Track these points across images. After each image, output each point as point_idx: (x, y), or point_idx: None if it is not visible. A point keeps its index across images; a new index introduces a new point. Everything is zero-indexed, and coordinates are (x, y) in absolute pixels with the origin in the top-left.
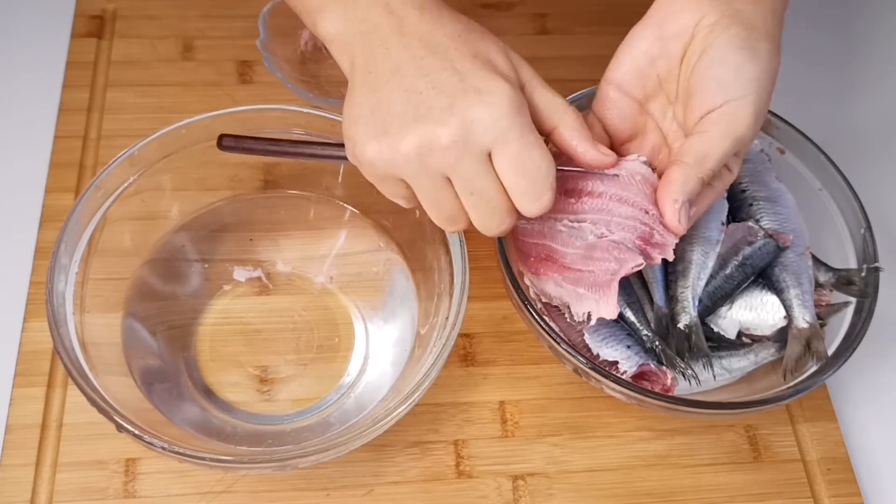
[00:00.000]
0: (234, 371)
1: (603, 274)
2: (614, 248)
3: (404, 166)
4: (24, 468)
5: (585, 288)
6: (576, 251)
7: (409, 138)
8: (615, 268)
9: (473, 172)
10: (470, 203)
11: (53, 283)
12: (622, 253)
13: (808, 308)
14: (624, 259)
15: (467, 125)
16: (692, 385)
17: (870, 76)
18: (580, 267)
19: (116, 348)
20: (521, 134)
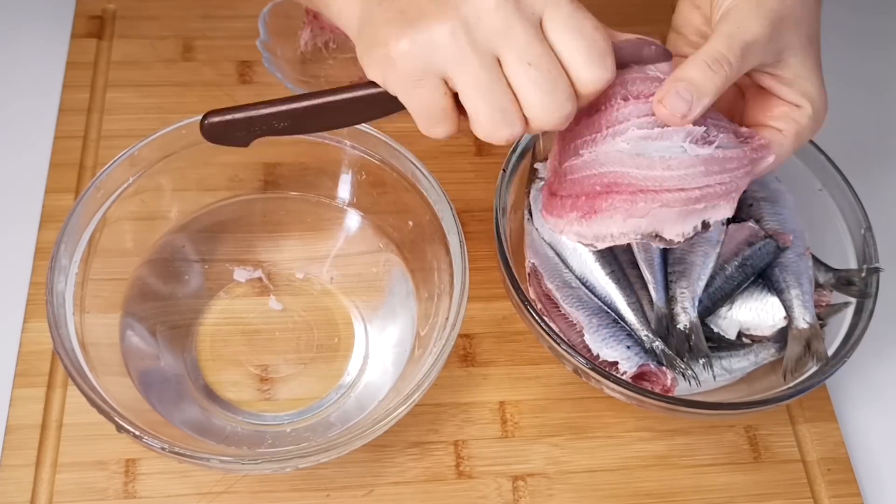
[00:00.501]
0: (234, 371)
1: (733, 180)
2: (739, 156)
3: (450, 46)
4: (24, 468)
5: (703, 204)
6: (679, 171)
7: (453, 11)
8: (747, 168)
9: (528, 36)
10: (529, 78)
11: (53, 284)
12: (748, 156)
13: (808, 308)
14: (756, 156)
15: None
16: (692, 385)
17: (870, 76)
18: (695, 185)
19: (116, 348)
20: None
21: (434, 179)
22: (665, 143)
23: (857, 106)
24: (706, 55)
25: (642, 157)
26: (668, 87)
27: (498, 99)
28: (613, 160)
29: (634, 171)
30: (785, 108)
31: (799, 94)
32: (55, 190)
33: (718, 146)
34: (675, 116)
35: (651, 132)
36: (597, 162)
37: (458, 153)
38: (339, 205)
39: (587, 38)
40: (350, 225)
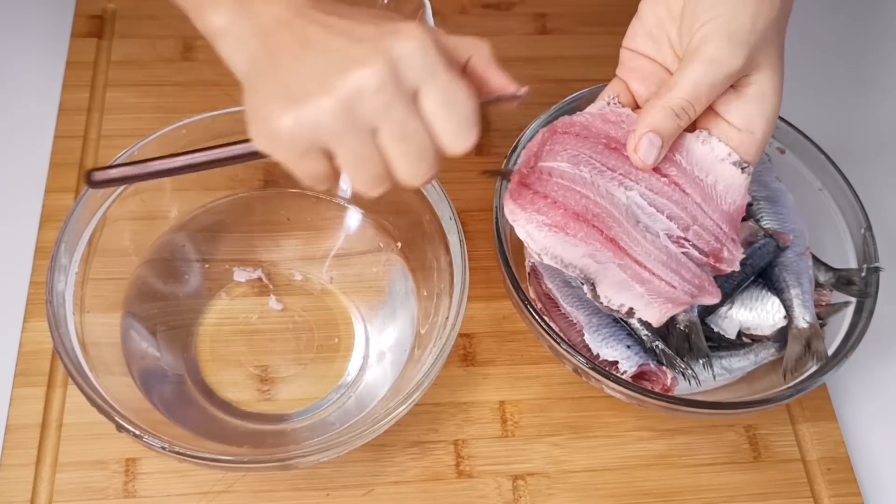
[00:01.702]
0: (234, 371)
1: (681, 293)
2: (695, 272)
3: (332, 125)
4: (24, 468)
5: (645, 288)
6: (649, 246)
7: (337, 91)
8: (694, 292)
9: (405, 114)
10: (400, 151)
11: (53, 283)
12: (703, 281)
13: (808, 308)
14: (704, 288)
15: (395, 62)
16: (692, 385)
17: (871, 76)
18: (651, 267)
19: (116, 348)
20: (447, 67)
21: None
22: (650, 222)
23: (858, 106)
24: (672, 102)
25: (630, 216)
26: (639, 135)
27: (372, 168)
28: (610, 200)
29: (621, 222)
30: (729, 133)
31: (748, 120)
32: (55, 190)
33: (686, 252)
34: (647, 164)
35: (647, 207)
36: (595, 190)
37: None
38: (339, 204)
39: (458, 112)
40: (350, 224)
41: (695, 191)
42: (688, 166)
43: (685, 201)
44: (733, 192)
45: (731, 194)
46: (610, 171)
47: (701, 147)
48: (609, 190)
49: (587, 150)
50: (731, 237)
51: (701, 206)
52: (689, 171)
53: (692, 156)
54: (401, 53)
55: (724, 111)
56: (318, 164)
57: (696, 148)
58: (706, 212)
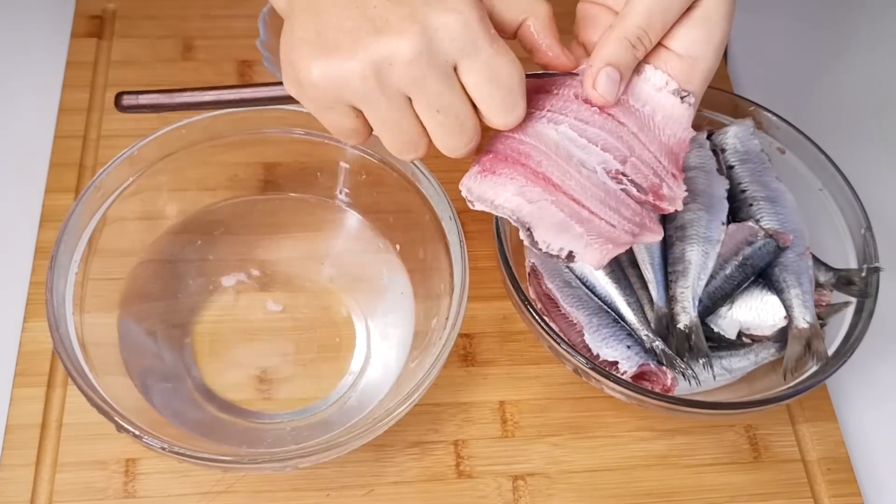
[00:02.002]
0: (234, 371)
1: (621, 232)
2: (636, 209)
3: (359, 86)
4: (24, 468)
5: (584, 228)
6: (584, 182)
7: (366, 53)
8: (635, 231)
9: (440, 87)
10: (436, 122)
11: (53, 284)
12: (644, 218)
13: (808, 308)
14: (646, 226)
15: (431, 34)
16: (692, 385)
17: (871, 76)
18: (588, 205)
19: (116, 348)
20: (490, 41)
21: (434, 179)
22: (585, 156)
23: (858, 106)
24: (627, 31)
25: (562, 151)
26: (597, 70)
27: (403, 133)
28: (538, 138)
29: (551, 157)
30: (671, 61)
31: (691, 47)
32: (55, 190)
33: (624, 189)
34: (608, 100)
35: (578, 139)
36: (524, 132)
37: None
38: (339, 205)
39: (501, 88)
40: (350, 225)
41: (630, 120)
42: (622, 96)
43: (620, 131)
44: (673, 124)
45: (671, 126)
46: (537, 110)
47: (635, 76)
48: (537, 129)
49: (530, 103)
50: (671, 172)
51: (637, 136)
52: (622, 101)
53: (628, 86)
54: (439, 25)
55: (667, 38)
56: (344, 119)
57: (631, 77)
58: (643, 143)
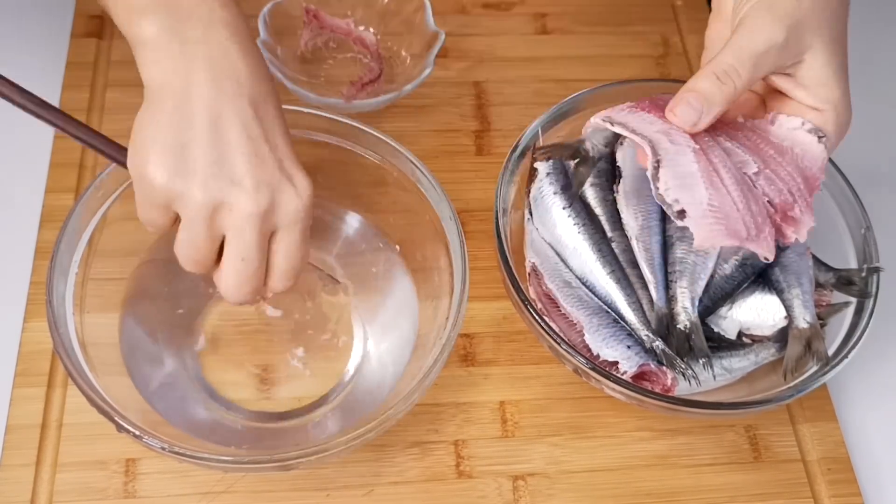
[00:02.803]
0: (234, 371)
1: (741, 222)
2: (762, 212)
3: (191, 211)
4: (24, 468)
5: (710, 194)
6: (727, 161)
7: (216, 192)
8: (752, 232)
9: (255, 243)
10: (234, 266)
11: (53, 284)
12: (765, 226)
13: (808, 308)
14: (763, 235)
15: (274, 205)
16: (692, 385)
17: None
18: (724, 176)
19: (116, 348)
20: (305, 227)
21: (434, 179)
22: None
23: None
24: (716, 67)
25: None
26: (679, 97)
27: (201, 256)
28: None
29: (701, 135)
30: (807, 113)
31: (820, 99)
32: (55, 190)
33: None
34: (686, 124)
35: (724, 141)
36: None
37: (458, 153)
38: (339, 205)
39: (292, 263)
40: (350, 225)
41: (769, 146)
42: (762, 129)
43: (759, 148)
44: (810, 158)
45: (808, 160)
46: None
47: (771, 126)
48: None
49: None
50: (804, 196)
51: (775, 158)
52: (763, 137)
53: (765, 131)
54: (284, 201)
55: (792, 93)
56: (161, 219)
57: (767, 126)
58: (780, 162)
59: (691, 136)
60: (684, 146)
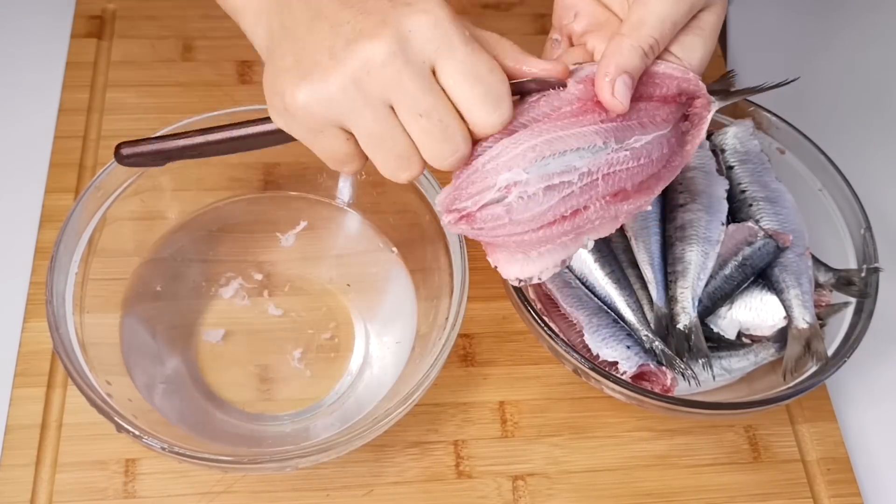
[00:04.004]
0: (234, 371)
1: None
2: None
3: (342, 100)
4: (24, 468)
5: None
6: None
7: (343, 65)
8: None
9: (419, 88)
10: (420, 128)
11: (53, 284)
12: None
13: (807, 308)
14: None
15: (403, 35)
16: (692, 385)
17: (872, 76)
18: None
19: (116, 348)
20: (465, 40)
21: (434, 179)
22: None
23: (858, 106)
24: (643, 42)
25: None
26: (614, 77)
27: (393, 147)
28: None
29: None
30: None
31: (682, 47)
32: (55, 190)
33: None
34: (624, 108)
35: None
36: None
37: None
38: (339, 205)
39: (482, 84)
40: (350, 225)
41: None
42: None
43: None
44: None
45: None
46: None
47: None
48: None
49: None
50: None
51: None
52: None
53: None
54: (411, 27)
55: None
56: (335, 141)
57: None
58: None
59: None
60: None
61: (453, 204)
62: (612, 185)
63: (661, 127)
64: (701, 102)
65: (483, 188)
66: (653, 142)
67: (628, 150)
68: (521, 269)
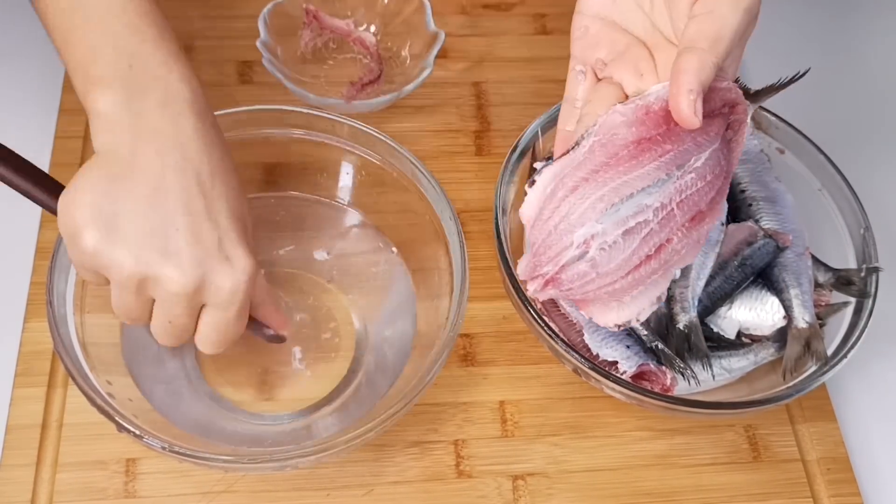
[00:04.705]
0: (234, 371)
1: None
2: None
3: (120, 278)
4: (24, 468)
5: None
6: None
7: (144, 265)
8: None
9: (183, 314)
10: (162, 324)
11: (53, 283)
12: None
13: (807, 308)
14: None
15: (205, 286)
16: (692, 385)
17: (871, 76)
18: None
19: (116, 348)
20: (239, 308)
21: (434, 179)
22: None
23: (857, 106)
24: (720, 58)
25: None
26: (696, 93)
27: (133, 317)
28: None
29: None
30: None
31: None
32: None
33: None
34: (700, 121)
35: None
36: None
37: (458, 153)
38: (339, 205)
39: (222, 337)
40: (350, 225)
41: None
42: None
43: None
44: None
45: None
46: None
47: None
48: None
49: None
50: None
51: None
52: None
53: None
54: (218, 283)
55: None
56: (94, 280)
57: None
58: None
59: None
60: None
61: (535, 271)
62: (688, 210)
63: (715, 141)
64: (741, 108)
65: (561, 249)
66: (711, 157)
67: (693, 171)
68: (616, 315)
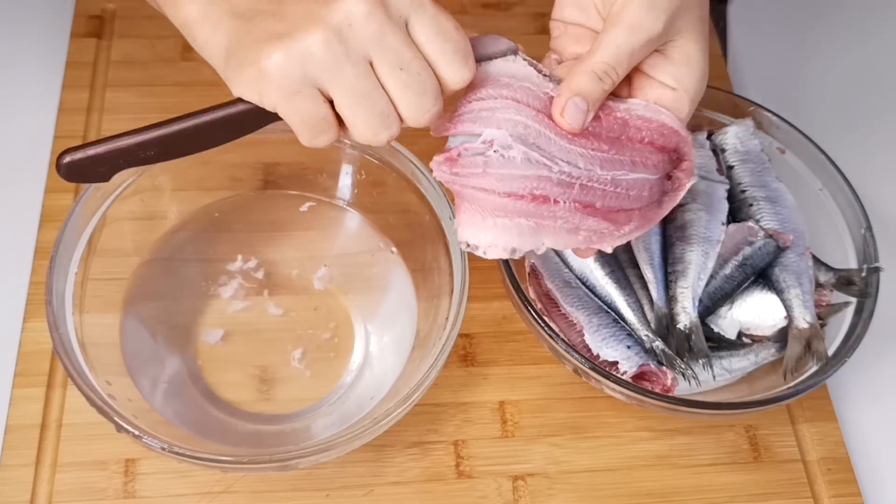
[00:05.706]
0: (233, 371)
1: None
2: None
3: (324, 56)
4: (23, 468)
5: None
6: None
7: (325, 21)
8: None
9: (399, 42)
10: (400, 83)
11: (53, 283)
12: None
13: (808, 308)
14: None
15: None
16: (692, 385)
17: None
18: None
19: (116, 348)
20: (432, 1)
21: (434, 179)
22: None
23: (858, 106)
24: (595, 66)
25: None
26: (565, 99)
27: (374, 104)
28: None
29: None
30: (663, 92)
31: (678, 78)
32: (55, 190)
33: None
34: (574, 128)
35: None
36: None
37: None
38: (339, 204)
39: (451, 40)
40: (350, 225)
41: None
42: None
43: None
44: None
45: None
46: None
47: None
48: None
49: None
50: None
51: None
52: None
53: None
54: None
55: (656, 73)
56: (312, 104)
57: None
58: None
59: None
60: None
61: (446, 131)
62: (586, 195)
63: (651, 171)
64: (686, 166)
65: (469, 132)
66: (638, 181)
67: (610, 176)
68: (474, 233)
